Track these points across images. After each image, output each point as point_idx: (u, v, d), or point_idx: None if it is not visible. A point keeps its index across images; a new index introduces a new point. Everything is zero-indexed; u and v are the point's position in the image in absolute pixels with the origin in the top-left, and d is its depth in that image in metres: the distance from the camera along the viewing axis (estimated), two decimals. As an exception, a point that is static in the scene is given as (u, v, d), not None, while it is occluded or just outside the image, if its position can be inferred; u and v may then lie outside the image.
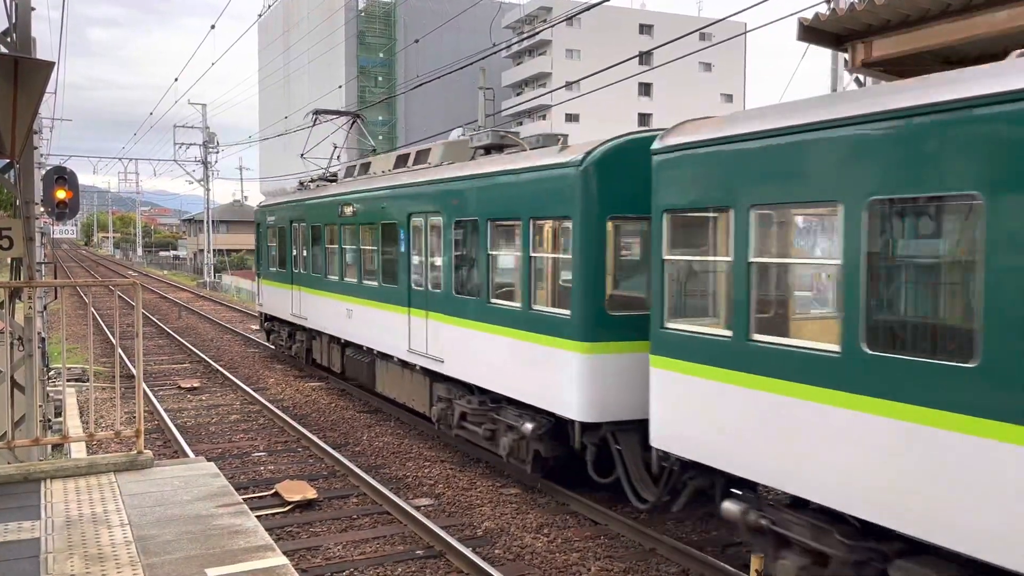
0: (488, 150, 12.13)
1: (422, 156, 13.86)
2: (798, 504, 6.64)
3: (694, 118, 8.14)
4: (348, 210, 15.35)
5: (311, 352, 19.08)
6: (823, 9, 8.56)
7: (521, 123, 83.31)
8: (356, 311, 15.24)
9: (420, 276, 12.69)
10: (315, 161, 20.72)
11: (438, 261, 12.15)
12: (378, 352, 14.58)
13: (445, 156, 13.22)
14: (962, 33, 7.43)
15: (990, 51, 8.04)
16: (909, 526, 5.53)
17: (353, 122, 20.86)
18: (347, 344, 16.26)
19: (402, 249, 13.13)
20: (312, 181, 19.34)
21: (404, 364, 13.51)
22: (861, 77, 10.28)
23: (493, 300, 10.73)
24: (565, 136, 11.28)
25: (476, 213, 11.00)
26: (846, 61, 9.15)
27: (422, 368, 12.70)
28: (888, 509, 5.67)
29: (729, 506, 7.29)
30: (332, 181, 18.59)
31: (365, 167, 16.41)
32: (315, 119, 20.79)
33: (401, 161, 14.65)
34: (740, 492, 7.31)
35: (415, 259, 12.87)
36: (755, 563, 7.01)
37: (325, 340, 17.68)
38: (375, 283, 14.35)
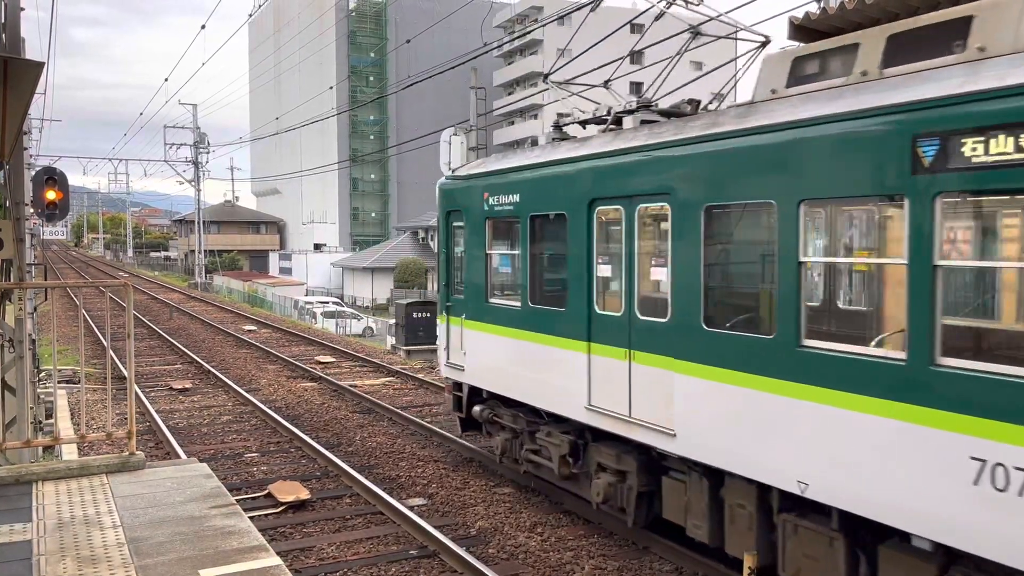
0: None
1: None
2: None
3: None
4: None
5: (658, 502, 8.44)
6: (814, 8, 8.59)
7: (512, 123, 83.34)
8: None
9: None
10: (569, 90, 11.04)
11: None
12: None
13: None
14: (952, 32, 7.45)
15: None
16: None
17: None
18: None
19: None
20: (623, 115, 9.36)
21: None
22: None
23: None
24: None
25: None
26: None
27: None
28: None
29: None
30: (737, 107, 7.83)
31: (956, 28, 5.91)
32: None
33: None
34: None
35: None
36: (748, 561, 7.02)
37: (785, 514, 6.82)
38: None
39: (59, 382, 17.68)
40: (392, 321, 28.59)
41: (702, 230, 7.22)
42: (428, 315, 25.07)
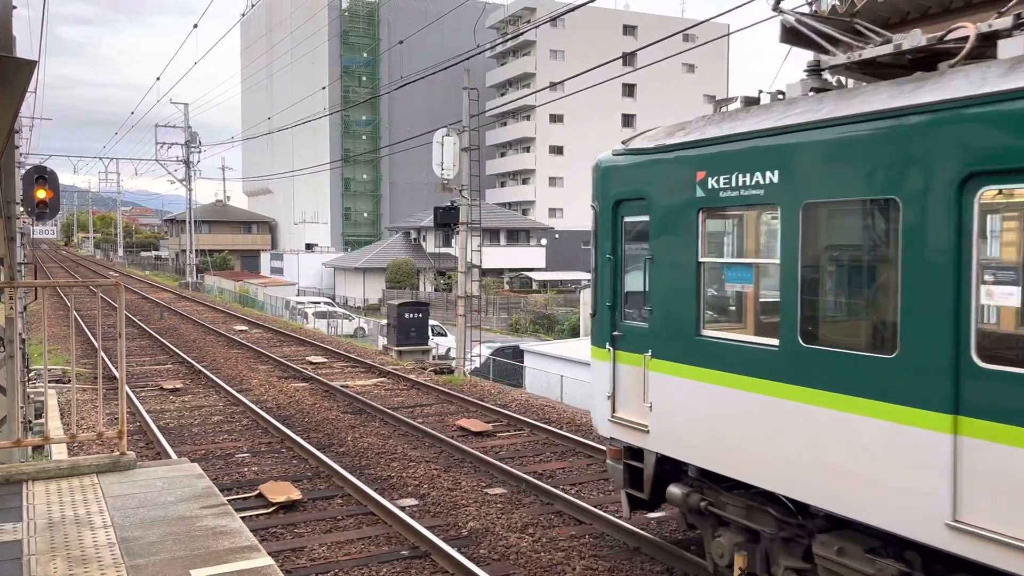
0: None
1: None
2: None
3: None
4: None
5: None
6: (805, 11, 8.63)
7: (505, 123, 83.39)
8: None
9: None
10: None
11: None
12: None
13: None
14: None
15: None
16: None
17: None
18: None
19: None
20: None
21: None
22: (842, 79, 10.37)
23: None
24: None
25: None
26: (828, 63, 9.22)
27: None
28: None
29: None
30: None
31: None
32: None
33: None
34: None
35: None
36: (739, 561, 7.05)
37: None
38: None
39: (49, 382, 17.60)
40: (384, 322, 28.57)
41: None
42: (420, 315, 25.09)
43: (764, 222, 7.04)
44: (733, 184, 6.77)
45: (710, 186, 6.97)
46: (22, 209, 13.47)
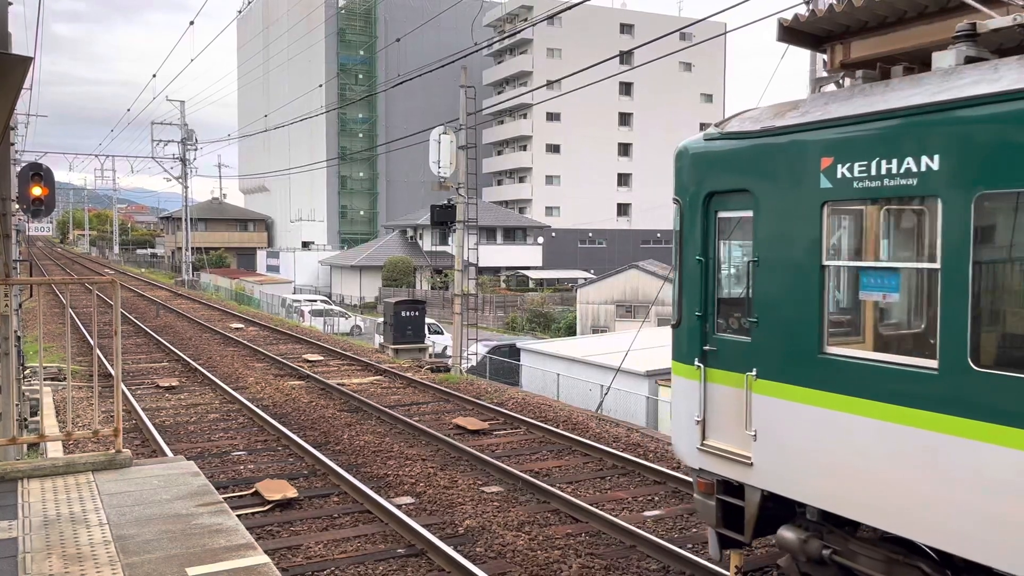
0: None
1: None
2: None
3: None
4: None
5: None
6: (802, 10, 8.64)
7: (502, 122, 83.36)
8: None
9: None
10: None
11: None
12: None
13: None
14: (938, 36, 7.51)
15: (966, 53, 8.12)
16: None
17: None
18: None
19: None
20: None
21: None
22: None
23: None
24: None
25: None
26: (825, 62, 9.24)
27: None
28: None
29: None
30: None
31: None
32: None
33: None
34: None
35: None
36: (735, 560, 7.06)
37: None
38: None
39: (45, 379, 17.56)
40: (380, 320, 28.55)
41: None
42: (416, 314, 25.07)
43: (916, 217, 5.85)
44: (872, 172, 5.55)
45: (840, 175, 5.75)
46: (17, 206, 13.43)
